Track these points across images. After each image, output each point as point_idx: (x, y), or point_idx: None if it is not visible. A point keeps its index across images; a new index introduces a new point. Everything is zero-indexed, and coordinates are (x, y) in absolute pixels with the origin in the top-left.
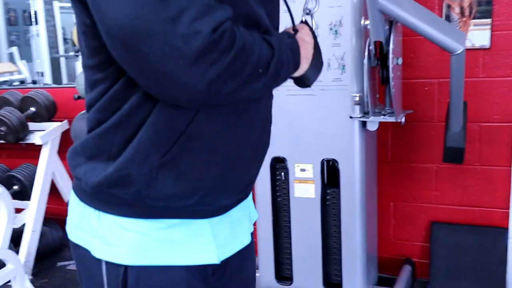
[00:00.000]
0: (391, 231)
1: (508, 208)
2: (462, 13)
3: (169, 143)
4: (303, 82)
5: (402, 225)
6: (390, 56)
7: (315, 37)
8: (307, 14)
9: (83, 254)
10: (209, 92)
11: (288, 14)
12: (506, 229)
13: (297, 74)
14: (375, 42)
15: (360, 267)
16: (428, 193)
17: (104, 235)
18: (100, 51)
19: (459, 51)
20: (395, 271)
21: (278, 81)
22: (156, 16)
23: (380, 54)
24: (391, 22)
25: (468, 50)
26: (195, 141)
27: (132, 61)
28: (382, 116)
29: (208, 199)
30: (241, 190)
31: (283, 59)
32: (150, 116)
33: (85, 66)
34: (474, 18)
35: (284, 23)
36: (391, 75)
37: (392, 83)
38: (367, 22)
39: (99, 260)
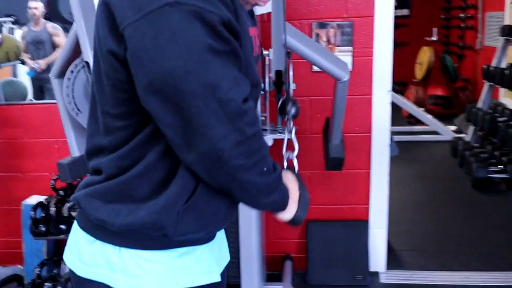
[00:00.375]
0: (271, 232)
1: (368, 204)
2: (328, 41)
3: (192, 190)
4: (295, 222)
5: (281, 225)
6: (291, 82)
7: (299, 179)
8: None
9: None
10: (223, 153)
11: None
12: (367, 221)
13: (288, 217)
14: (276, 71)
15: (256, 268)
16: None
17: (127, 269)
18: (126, 102)
19: (344, 79)
20: (278, 267)
21: (268, 194)
22: (199, 80)
23: (277, 81)
24: (288, 53)
25: None
26: (210, 186)
27: (167, 114)
28: (278, 134)
29: (214, 230)
30: None
31: (281, 181)
32: (176, 166)
33: (106, 113)
34: (338, 46)
35: None
36: (291, 97)
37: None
38: (267, 52)
39: None
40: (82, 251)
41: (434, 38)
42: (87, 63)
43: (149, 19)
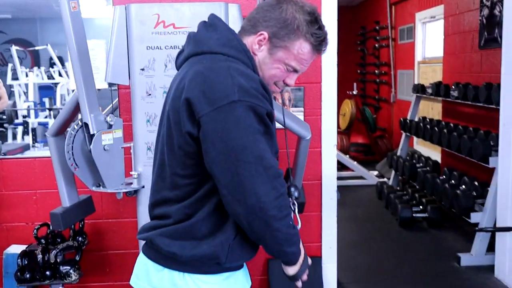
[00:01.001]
0: None
1: (320, 242)
2: (284, 103)
3: (237, 230)
4: (295, 278)
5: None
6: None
7: (303, 245)
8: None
9: None
10: (265, 205)
11: None
12: (320, 257)
13: (293, 272)
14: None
15: None
16: None
17: None
18: (193, 167)
19: (308, 137)
20: None
21: (291, 245)
22: (252, 153)
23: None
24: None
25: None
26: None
27: (226, 177)
28: None
29: (248, 259)
30: None
31: (299, 237)
32: (227, 215)
33: (175, 174)
34: (292, 107)
35: None
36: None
37: None
38: None
39: None
40: (151, 277)
41: (355, 92)
42: (86, 124)
43: (220, 111)
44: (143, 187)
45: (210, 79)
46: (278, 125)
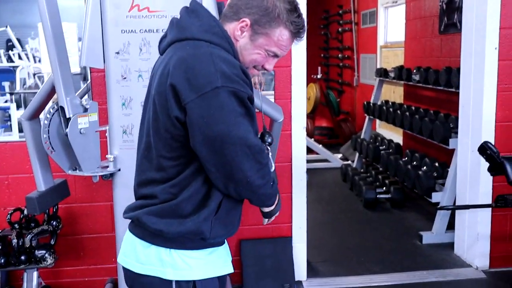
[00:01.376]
0: None
1: (291, 222)
2: (255, 86)
3: (218, 206)
4: (270, 215)
5: None
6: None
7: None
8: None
9: (150, 281)
10: (250, 178)
11: None
12: (290, 237)
13: (268, 210)
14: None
15: None
16: None
17: (175, 264)
18: (179, 149)
19: (280, 120)
20: None
21: (272, 198)
22: (236, 134)
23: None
24: None
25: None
26: (229, 203)
27: (213, 157)
28: None
29: (231, 234)
30: None
31: (277, 188)
32: (209, 192)
33: (161, 156)
34: (263, 90)
35: None
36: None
37: None
38: None
39: (170, 281)
40: (138, 254)
41: (319, 76)
42: (62, 107)
43: (204, 97)
44: (119, 170)
45: (194, 66)
46: None
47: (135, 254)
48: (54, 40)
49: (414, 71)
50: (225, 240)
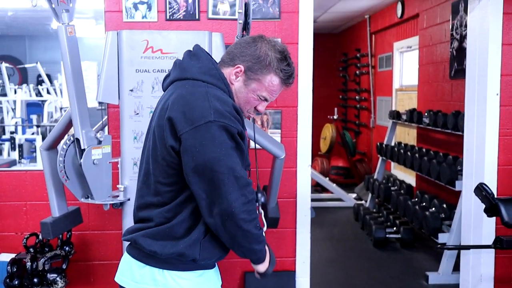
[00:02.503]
0: None
1: (294, 256)
2: (262, 124)
3: (207, 231)
4: (265, 274)
5: (222, 276)
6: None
7: (268, 245)
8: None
9: None
10: (235, 210)
11: None
12: (294, 271)
13: (263, 269)
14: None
15: None
16: None
17: (167, 284)
18: (174, 176)
19: (282, 157)
20: None
21: (259, 243)
22: (225, 165)
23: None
24: None
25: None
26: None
27: (203, 185)
28: None
29: (219, 258)
30: None
31: (264, 237)
32: (200, 217)
33: (158, 182)
34: (270, 128)
35: None
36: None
37: None
38: None
39: None
40: (134, 273)
41: (335, 117)
42: (77, 139)
43: (198, 129)
44: (129, 199)
45: (190, 102)
46: (253, 145)
47: (131, 273)
48: (73, 78)
49: (425, 114)
50: (216, 264)
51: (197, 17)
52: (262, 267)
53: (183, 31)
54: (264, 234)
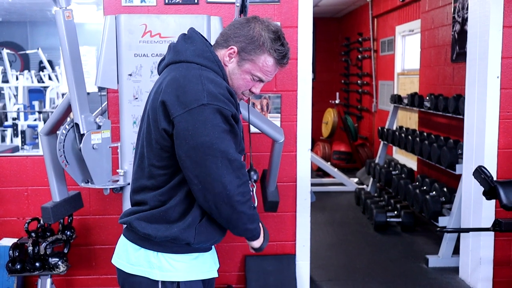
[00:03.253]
0: None
1: (295, 240)
2: (262, 109)
3: (202, 215)
4: (260, 249)
5: (223, 260)
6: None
7: (261, 221)
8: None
9: (139, 280)
10: (230, 192)
11: None
12: (294, 255)
13: (257, 245)
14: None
15: None
16: None
17: (161, 266)
18: (167, 159)
19: (281, 141)
20: None
21: (253, 222)
22: (218, 148)
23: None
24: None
25: None
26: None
27: (196, 168)
28: None
29: (215, 242)
30: None
31: (258, 216)
32: (194, 200)
33: (152, 165)
34: (270, 113)
35: None
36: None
37: None
38: None
39: (156, 282)
40: (129, 256)
41: (337, 101)
42: (77, 124)
43: (191, 112)
44: (129, 184)
45: (184, 85)
46: (254, 129)
47: (126, 255)
48: (72, 62)
49: (427, 98)
50: (213, 246)
51: (196, 1)
52: (257, 243)
53: (181, 15)
54: (257, 212)
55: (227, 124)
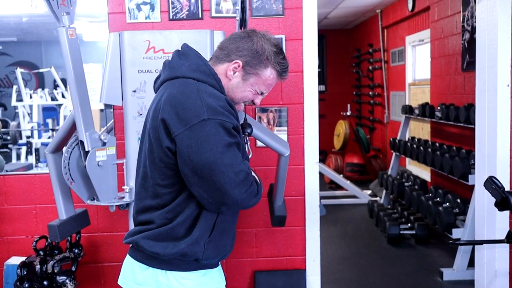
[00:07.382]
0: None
1: (304, 255)
2: (268, 122)
3: (211, 229)
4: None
5: (232, 275)
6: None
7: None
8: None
9: None
10: (239, 200)
11: None
12: (304, 270)
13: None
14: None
15: None
16: (250, 250)
17: (170, 285)
18: (172, 177)
19: (286, 154)
20: None
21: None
22: (223, 162)
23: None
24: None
25: None
26: (221, 226)
27: (203, 184)
28: None
29: (223, 257)
30: None
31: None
32: (201, 215)
33: (156, 184)
34: (276, 126)
35: None
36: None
37: None
38: None
39: None
40: (136, 276)
41: (348, 113)
42: (81, 141)
43: (192, 129)
44: None
45: (182, 102)
46: (259, 144)
47: (133, 276)
48: (76, 80)
49: (438, 107)
50: (219, 263)
51: (200, 16)
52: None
53: (184, 30)
54: (260, 182)
55: (230, 136)
